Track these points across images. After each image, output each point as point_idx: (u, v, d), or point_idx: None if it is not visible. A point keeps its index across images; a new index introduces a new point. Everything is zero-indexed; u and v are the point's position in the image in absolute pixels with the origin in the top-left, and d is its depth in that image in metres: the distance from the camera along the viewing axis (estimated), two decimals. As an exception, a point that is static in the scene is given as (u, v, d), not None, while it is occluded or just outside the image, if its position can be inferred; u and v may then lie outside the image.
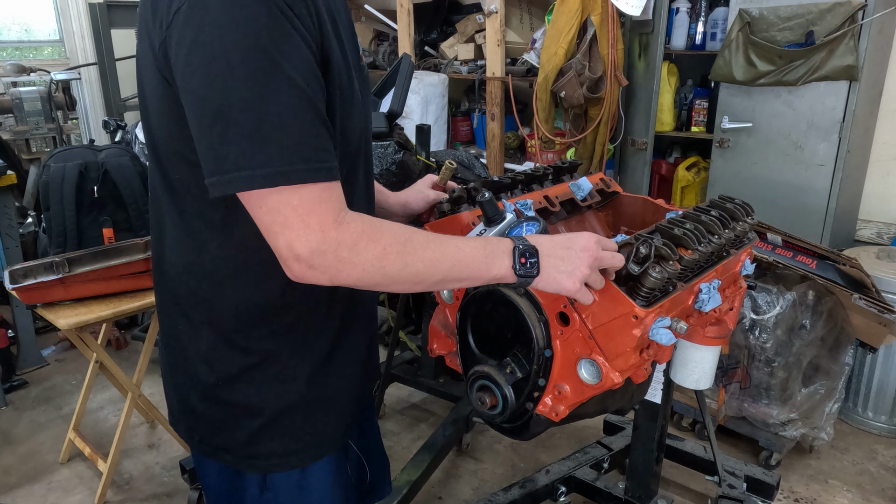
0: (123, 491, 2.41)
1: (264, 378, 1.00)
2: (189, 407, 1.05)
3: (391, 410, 2.90)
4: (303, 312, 0.99)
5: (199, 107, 0.80)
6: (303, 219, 0.81)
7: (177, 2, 0.80)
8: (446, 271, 0.90)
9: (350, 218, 0.84)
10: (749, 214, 1.37)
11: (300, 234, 0.81)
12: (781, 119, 3.01)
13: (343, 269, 0.83)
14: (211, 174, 0.81)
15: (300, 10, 0.81)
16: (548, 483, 2.09)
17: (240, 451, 1.03)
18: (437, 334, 1.38)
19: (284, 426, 1.02)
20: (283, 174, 0.79)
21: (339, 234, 0.82)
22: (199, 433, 1.05)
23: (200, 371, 1.00)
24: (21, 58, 4.54)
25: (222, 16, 0.77)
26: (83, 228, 3.03)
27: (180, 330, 1.02)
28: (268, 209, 0.81)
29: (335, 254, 0.82)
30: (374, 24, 4.75)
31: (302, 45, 0.81)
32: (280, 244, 0.82)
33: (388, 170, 2.34)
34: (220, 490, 1.10)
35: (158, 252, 1.03)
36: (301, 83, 0.80)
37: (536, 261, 0.95)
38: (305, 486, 1.06)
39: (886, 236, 3.20)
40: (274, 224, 0.81)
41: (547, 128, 3.54)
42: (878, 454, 2.55)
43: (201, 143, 0.82)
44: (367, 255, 0.84)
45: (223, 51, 0.77)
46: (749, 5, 2.95)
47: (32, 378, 3.18)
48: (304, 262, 0.82)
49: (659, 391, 1.70)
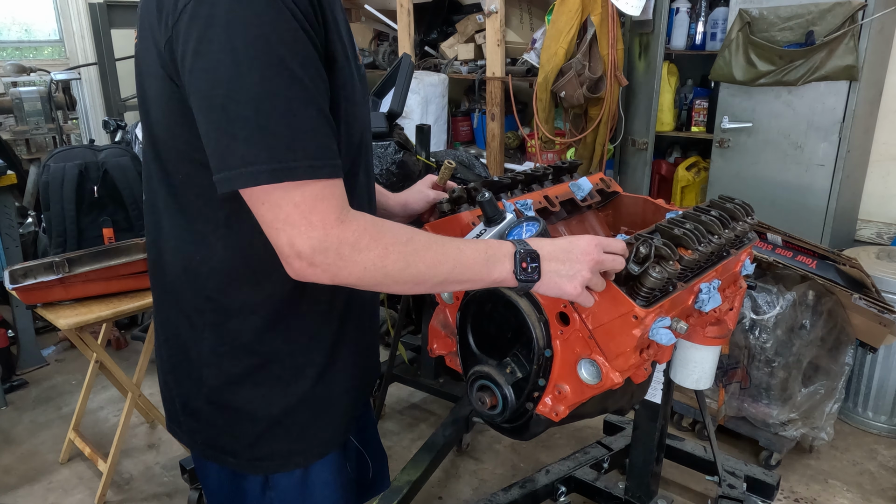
0: (123, 491, 2.41)
1: (269, 379, 1.00)
2: (192, 410, 1.04)
3: (391, 410, 2.89)
4: (306, 312, 0.99)
5: (207, 104, 0.80)
6: (305, 216, 0.80)
7: (183, 0, 0.80)
8: (447, 273, 0.90)
9: (353, 216, 0.84)
10: (749, 214, 1.37)
11: (302, 230, 0.81)
12: (781, 119, 3.01)
13: (345, 268, 0.83)
14: (218, 170, 0.81)
15: (305, 8, 0.82)
16: (548, 483, 2.09)
17: (244, 454, 1.03)
18: (437, 334, 1.38)
19: (288, 427, 1.02)
20: (288, 170, 0.79)
21: (342, 232, 0.82)
22: (203, 436, 1.05)
23: (204, 374, 1.00)
24: (21, 58, 4.54)
25: (229, 13, 0.78)
26: (83, 228, 3.03)
27: (181, 333, 1.01)
28: (270, 205, 0.81)
29: (337, 251, 0.82)
30: (374, 24, 4.76)
31: (307, 42, 0.82)
32: (282, 241, 0.82)
33: (388, 170, 2.34)
34: (222, 492, 1.10)
35: (156, 253, 1.02)
36: (307, 81, 0.81)
37: (538, 265, 0.95)
38: (308, 484, 1.07)
39: (886, 236, 3.20)
40: (276, 220, 0.81)
41: (547, 128, 3.54)
42: (878, 454, 2.55)
43: (209, 140, 0.82)
44: (368, 253, 0.83)
45: (230, 48, 0.78)
46: (749, 5, 2.95)
47: (32, 378, 3.18)
48: (305, 260, 0.82)
49: (659, 391, 1.70)
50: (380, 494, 1.33)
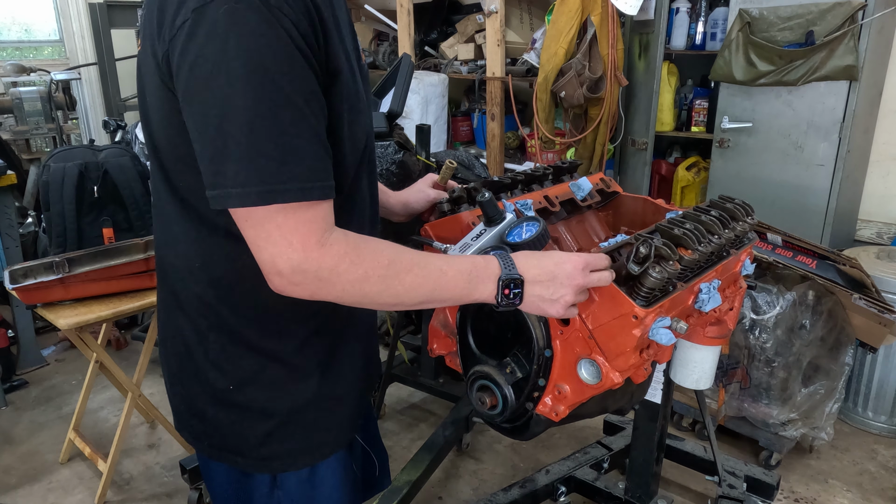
0: (123, 491, 2.41)
1: (276, 379, 1.00)
2: (198, 412, 1.04)
3: (391, 410, 2.89)
4: (310, 313, 0.99)
5: (202, 122, 0.81)
6: (286, 237, 0.82)
7: (182, 16, 0.80)
8: (427, 295, 0.92)
9: (334, 239, 0.85)
10: (749, 214, 1.37)
11: (283, 250, 0.83)
12: (781, 119, 3.01)
13: (323, 288, 0.86)
14: (210, 187, 0.83)
15: (304, 29, 0.82)
16: (548, 483, 2.09)
17: (252, 454, 1.03)
18: (437, 334, 1.38)
19: (296, 426, 1.03)
20: (276, 193, 0.81)
21: (321, 256, 0.84)
22: (210, 438, 1.05)
23: (211, 376, 1.00)
24: (21, 58, 4.54)
25: (226, 32, 0.78)
26: (83, 228, 3.03)
27: (186, 336, 1.01)
28: (252, 223, 0.83)
29: (316, 274, 0.84)
30: (374, 24, 4.75)
31: (304, 64, 0.82)
32: (263, 258, 0.84)
33: (388, 170, 2.33)
34: (228, 492, 1.10)
35: (163, 257, 1.03)
36: (300, 103, 0.82)
37: (520, 291, 0.97)
38: (315, 482, 1.07)
39: (886, 236, 3.20)
40: (258, 238, 0.84)
41: (547, 128, 3.54)
42: (878, 454, 2.55)
43: (202, 157, 0.83)
44: (347, 276, 0.86)
45: (225, 68, 0.78)
46: (749, 5, 2.95)
47: (32, 378, 3.18)
48: (285, 278, 0.84)
49: (659, 391, 1.70)
50: (380, 493, 1.33)
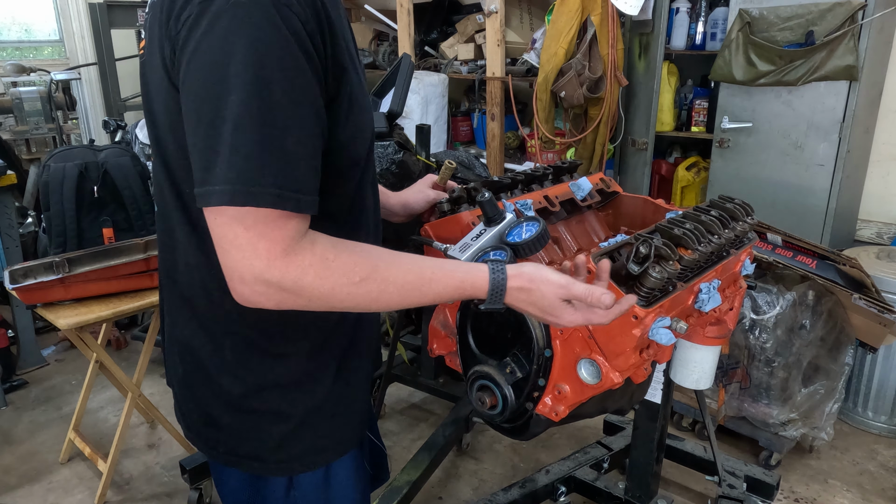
0: (123, 491, 2.41)
1: (292, 383, 1.00)
2: (212, 419, 1.03)
3: (391, 410, 2.89)
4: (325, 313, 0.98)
5: (195, 117, 0.80)
6: (252, 242, 0.79)
7: (187, 11, 0.79)
8: (398, 303, 0.91)
9: (301, 249, 0.82)
10: (749, 214, 1.37)
11: (247, 256, 0.80)
12: (781, 119, 3.01)
13: (288, 299, 0.83)
14: (197, 185, 0.80)
15: (312, 28, 0.80)
16: (548, 483, 2.09)
17: (269, 457, 1.03)
18: (437, 334, 1.38)
19: (313, 426, 1.03)
20: (250, 194, 0.77)
21: (285, 266, 0.81)
22: (225, 444, 1.04)
23: (225, 383, 0.99)
24: (21, 58, 4.54)
25: (228, 27, 0.77)
26: (83, 228, 3.03)
27: (197, 343, 1.00)
28: (221, 223, 0.80)
29: (279, 284, 0.81)
30: (374, 24, 4.75)
31: (306, 68, 0.80)
32: (226, 262, 0.81)
33: (388, 170, 2.33)
34: (241, 498, 1.10)
35: (169, 264, 1.02)
36: (295, 108, 0.80)
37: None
38: (330, 480, 1.08)
39: (886, 236, 3.20)
40: (224, 240, 0.80)
41: (547, 128, 3.54)
42: (878, 454, 2.55)
43: (193, 152, 0.81)
44: (312, 290, 0.83)
45: (223, 63, 0.77)
46: (749, 5, 2.95)
47: (32, 378, 3.18)
48: (247, 287, 0.81)
49: (659, 391, 1.70)
50: (380, 493, 1.35)
